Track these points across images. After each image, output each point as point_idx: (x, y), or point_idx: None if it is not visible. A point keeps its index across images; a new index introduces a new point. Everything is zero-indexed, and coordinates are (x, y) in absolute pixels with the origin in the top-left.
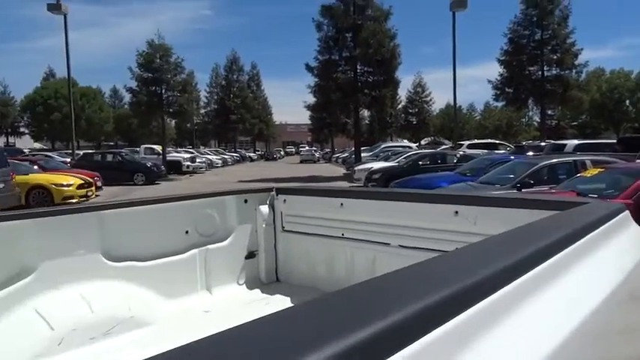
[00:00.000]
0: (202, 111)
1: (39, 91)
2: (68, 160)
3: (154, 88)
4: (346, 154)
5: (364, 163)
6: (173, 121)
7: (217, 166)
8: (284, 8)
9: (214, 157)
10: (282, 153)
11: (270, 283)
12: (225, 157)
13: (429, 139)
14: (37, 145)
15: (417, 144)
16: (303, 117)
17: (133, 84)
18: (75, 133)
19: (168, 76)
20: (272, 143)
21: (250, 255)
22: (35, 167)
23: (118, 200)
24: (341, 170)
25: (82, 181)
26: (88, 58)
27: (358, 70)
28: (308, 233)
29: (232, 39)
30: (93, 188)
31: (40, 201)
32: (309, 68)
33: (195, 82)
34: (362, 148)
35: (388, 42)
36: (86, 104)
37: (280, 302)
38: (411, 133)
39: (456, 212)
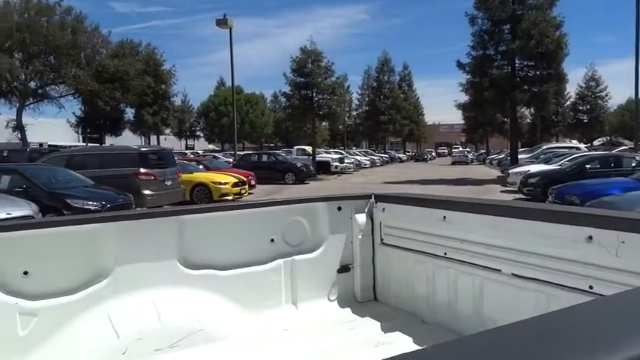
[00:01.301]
0: (354, 113)
1: (212, 99)
2: (231, 160)
3: (305, 91)
4: (502, 156)
5: (521, 165)
6: (325, 123)
7: (365, 167)
8: (437, 6)
9: (363, 157)
10: (433, 154)
11: (366, 301)
12: (374, 157)
13: (604, 139)
14: (211, 147)
15: (589, 145)
16: (457, 117)
17: (287, 89)
18: (239, 135)
19: (319, 79)
20: (423, 144)
21: (344, 269)
22: (201, 167)
23: (199, 205)
24: (494, 173)
25: (237, 180)
26: (254, 67)
27: (517, 65)
28: (408, 249)
29: (386, 40)
30: (246, 186)
31: (202, 197)
32: (460, 65)
33: (347, 84)
34: (520, 150)
35: (553, 32)
36: (250, 109)
37: (377, 326)
38: (580, 132)
39: (590, 237)
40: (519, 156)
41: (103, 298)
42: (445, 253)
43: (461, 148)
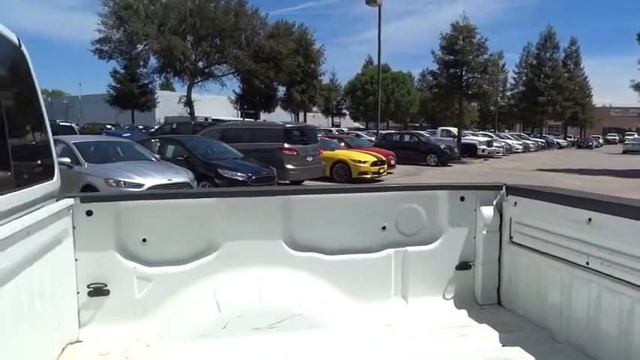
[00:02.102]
0: (508, 93)
1: (358, 77)
2: (373, 138)
3: (454, 70)
4: None
5: None
6: (474, 104)
7: (517, 152)
8: None
9: (514, 141)
10: (600, 141)
11: (487, 305)
12: (528, 142)
13: None
14: (356, 125)
15: None
16: (633, 99)
17: (435, 67)
18: (384, 114)
19: (470, 57)
20: (588, 129)
21: (463, 266)
22: (342, 144)
23: (309, 186)
24: None
25: (376, 159)
26: (402, 45)
27: None
28: (541, 252)
29: (547, 15)
30: (385, 166)
31: (341, 174)
32: None
33: (501, 62)
34: None
35: None
36: (395, 88)
37: (496, 336)
38: None
39: None
40: None
41: (209, 272)
42: (587, 263)
43: (637, 135)
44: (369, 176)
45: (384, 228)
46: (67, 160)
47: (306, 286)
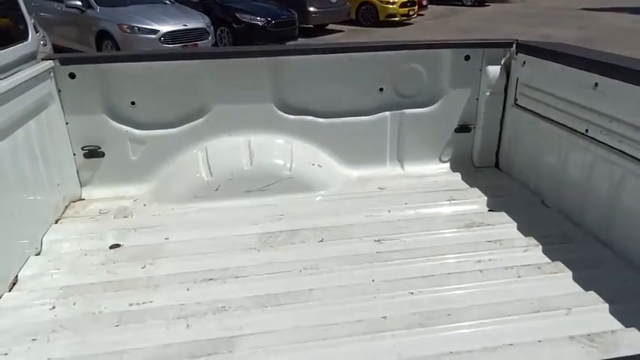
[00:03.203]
0: None
1: None
2: None
3: None
4: None
5: None
6: None
7: None
8: None
9: None
10: None
11: (484, 167)
12: None
13: None
14: None
15: None
16: None
17: None
18: None
19: None
20: None
21: (463, 128)
22: None
23: (299, 45)
24: None
25: (406, 0)
26: None
27: None
28: (544, 117)
29: None
30: (415, 7)
31: (367, 17)
32: None
33: None
34: None
35: None
36: None
37: (486, 198)
38: None
39: None
40: None
41: (201, 135)
42: (587, 131)
43: None
44: (397, 19)
45: (381, 90)
46: (78, 3)
47: (298, 150)
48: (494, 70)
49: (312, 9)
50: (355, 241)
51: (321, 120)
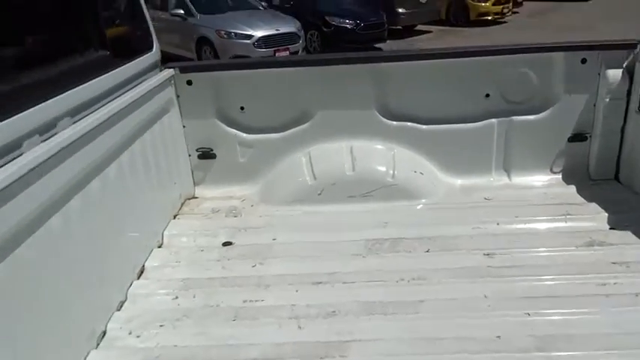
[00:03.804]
0: None
1: None
2: None
3: None
4: None
5: None
6: None
7: None
8: None
9: None
10: None
11: (601, 180)
12: None
13: None
14: None
15: None
16: None
17: None
18: None
19: None
20: None
21: (577, 137)
22: None
23: (400, 51)
24: None
25: None
26: None
27: None
28: None
29: None
30: (510, 5)
31: (458, 16)
32: None
33: None
34: None
35: None
36: None
37: (606, 217)
38: None
39: None
40: None
41: (305, 140)
42: None
43: None
44: (490, 17)
45: (487, 95)
46: (180, 11)
47: (400, 157)
48: (614, 74)
49: (400, 10)
50: (463, 253)
51: (423, 126)
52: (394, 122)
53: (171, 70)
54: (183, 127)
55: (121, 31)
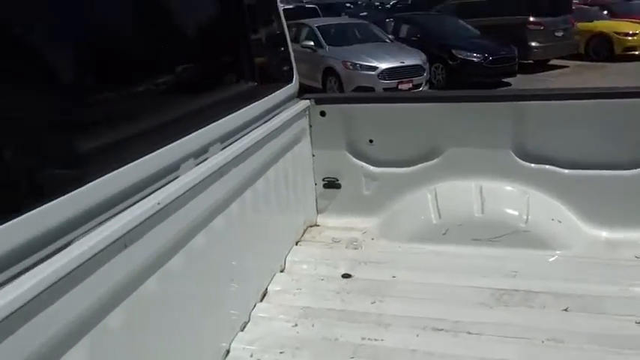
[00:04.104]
0: None
1: None
2: None
3: None
4: None
5: None
6: None
7: None
8: None
9: None
10: None
11: None
12: None
13: None
14: None
15: None
16: None
17: None
18: None
19: None
20: None
21: None
22: (605, 12)
23: (546, 90)
24: None
25: None
26: None
27: None
28: None
29: None
30: None
31: (600, 51)
32: None
33: None
34: None
35: None
36: None
37: None
38: None
39: None
40: None
41: (432, 176)
42: None
43: None
44: (637, 52)
45: None
46: (311, 43)
47: (535, 201)
48: None
49: (533, 44)
50: (609, 317)
51: (565, 171)
52: (531, 164)
53: (307, 101)
54: (313, 156)
55: (268, 63)
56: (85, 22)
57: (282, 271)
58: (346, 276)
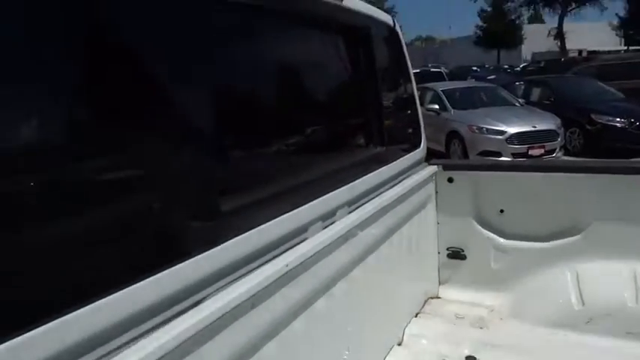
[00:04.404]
0: None
1: None
2: None
3: None
4: None
5: None
6: None
7: None
8: None
9: None
10: None
11: None
12: None
13: None
14: None
15: None
16: None
17: None
18: None
19: None
20: None
21: None
22: None
23: None
24: None
25: None
26: None
27: None
28: None
29: None
30: None
31: None
32: None
33: None
34: None
35: None
36: None
37: None
38: None
39: None
40: None
41: (573, 255)
42: None
43: None
44: None
45: None
46: (435, 106)
47: None
48: None
49: None
50: None
51: None
52: None
53: (435, 167)
54: (437, 223)
55: (397, 127)
56: (230, 85)
57: (399, 344)
58: (470, 358)
